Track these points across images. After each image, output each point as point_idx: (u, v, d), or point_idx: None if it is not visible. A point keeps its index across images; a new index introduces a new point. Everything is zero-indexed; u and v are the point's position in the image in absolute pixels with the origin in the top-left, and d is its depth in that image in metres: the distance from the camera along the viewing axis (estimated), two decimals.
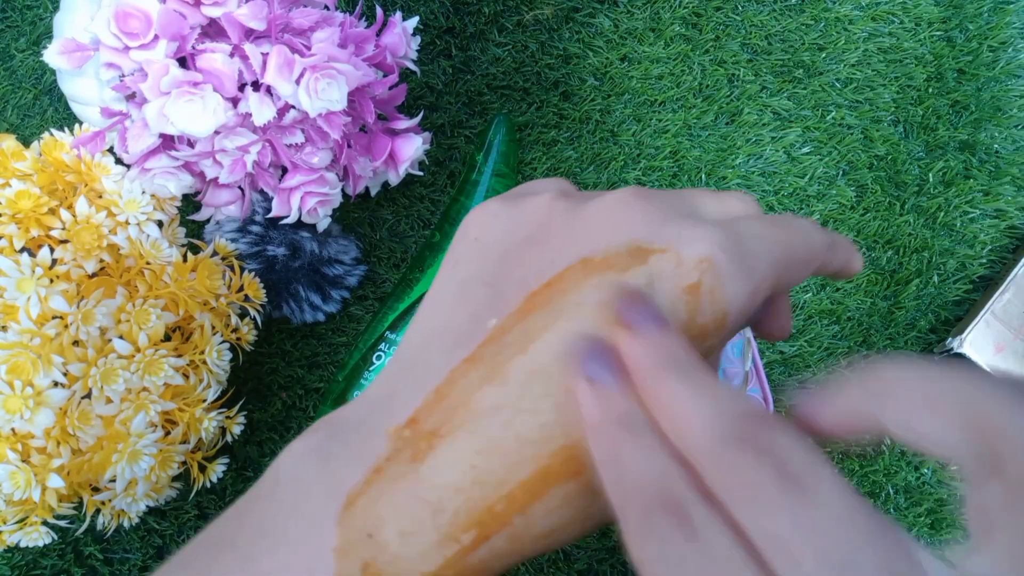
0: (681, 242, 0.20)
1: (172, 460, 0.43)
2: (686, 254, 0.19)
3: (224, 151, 0.43)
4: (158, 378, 0.42)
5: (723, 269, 0.19)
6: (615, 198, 0.21)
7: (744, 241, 0.20)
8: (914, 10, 0.58)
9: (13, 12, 0.57)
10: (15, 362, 0.38)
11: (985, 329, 0.50)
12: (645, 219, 0.20)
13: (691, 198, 0.22)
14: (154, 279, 0.44)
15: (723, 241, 0.20)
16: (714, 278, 0.19)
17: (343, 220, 0.55)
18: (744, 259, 0.20)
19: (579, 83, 0.57)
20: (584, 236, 0.20)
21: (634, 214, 0.21)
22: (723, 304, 0.20)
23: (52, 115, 0.56)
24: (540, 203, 0.22)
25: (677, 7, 0.58)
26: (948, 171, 0.56)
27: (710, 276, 0.19)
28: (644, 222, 0.20)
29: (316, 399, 0.53)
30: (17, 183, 0.42)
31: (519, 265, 0.21)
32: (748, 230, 0.21)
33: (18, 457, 0.39)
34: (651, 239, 0.20)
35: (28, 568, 0.50)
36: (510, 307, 0.20)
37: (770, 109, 0.57)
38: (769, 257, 0.20)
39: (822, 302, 0.55)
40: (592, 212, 0.21)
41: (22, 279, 0.39)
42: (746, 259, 0.20)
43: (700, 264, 0.19)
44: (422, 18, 0.57)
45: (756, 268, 0.20)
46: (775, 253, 0.21)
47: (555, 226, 0.21)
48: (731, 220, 0.21)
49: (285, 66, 0.41)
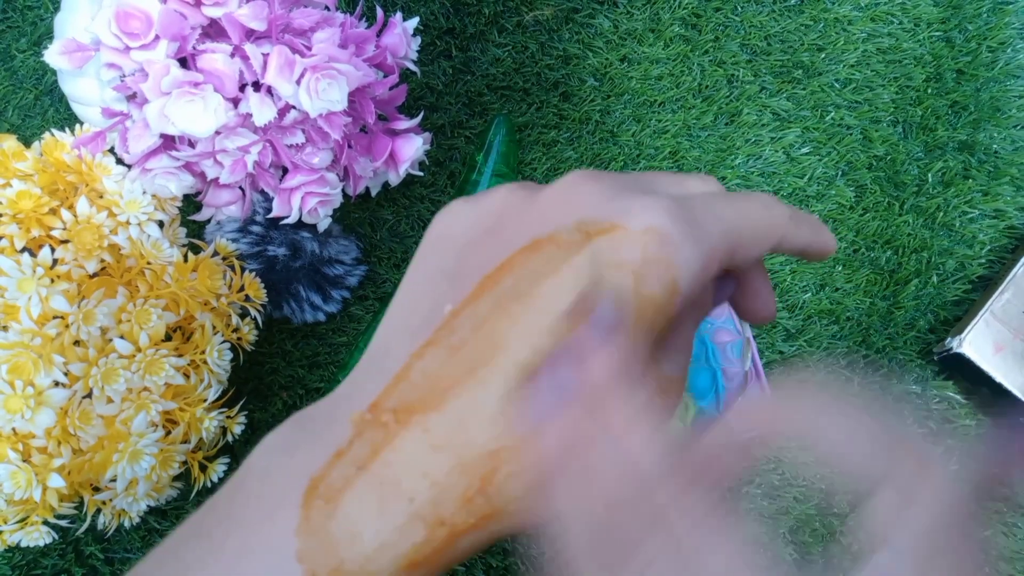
0: (627, 215, 0.20)
1: (173, 460, 0.43)
2: (632, 225, 0.19)
3: (225, 151, 0.43)
4: (159, 378, 0.42)
5: (670, 237, 0.19)
6: (565, 181, 0.21)
7: (694, 210, 0.20)
8: (913, 11, 0.58)
9: (14, 12, 0.58)
10: (16, 362, 0.38)
11: (984, 329, 0.51)
12: (594, 198, 0.21)
13: (647, 178, 0.22)
14: (155, 279, 0.44)
15: (670, 210, 0.20)
16: (660, 246, 0.19)
17: (343, 220, 0.55)
18: (692, 226, 0.20)
19: (579, 84, 0.57)
20: (536, 220, 0.21)
21: (583, 194, 0.21)
22: (672, 272, 0.19)
23: (53, 115, 0.56)
24: (498, 195, 0.22)
25: (676, 8, 0.58)
26: (947, 171, 0.56)
27: (655, 245, 0.19)
28: (593, 201, 0.20)
29: (316, 399, 0.53)
30: (18, 183, 0.42)
31: (476, 255, 0.21)
32: (700, 202, 0.21)
33: (19, 457, 0.39)
34: (597, 216, 0.20)
35: (29, 568, 0.50)
36: (462, 293, 0.20)
37: (769, 109, 0.57)
38: (721, 225, 0.20)
39: (821, 302, 0.55)
40: (544, 197, 0.21)
41: (23, 279, 0.39)
42: (695, 226, 0.20)
43: (645, 234, 0.19)
44: (422, 19, 0.57)
45: (706, 235, 0.20)
46: (728, 221, 0.21)
47: (511, 215, 0.21)
48: (685, 194, 0.21)
49: (286, 66, 0.41)
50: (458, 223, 0.22)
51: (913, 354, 0.54)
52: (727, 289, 0.24)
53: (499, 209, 0.22)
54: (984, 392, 0.51)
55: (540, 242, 0.20)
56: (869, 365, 0.54)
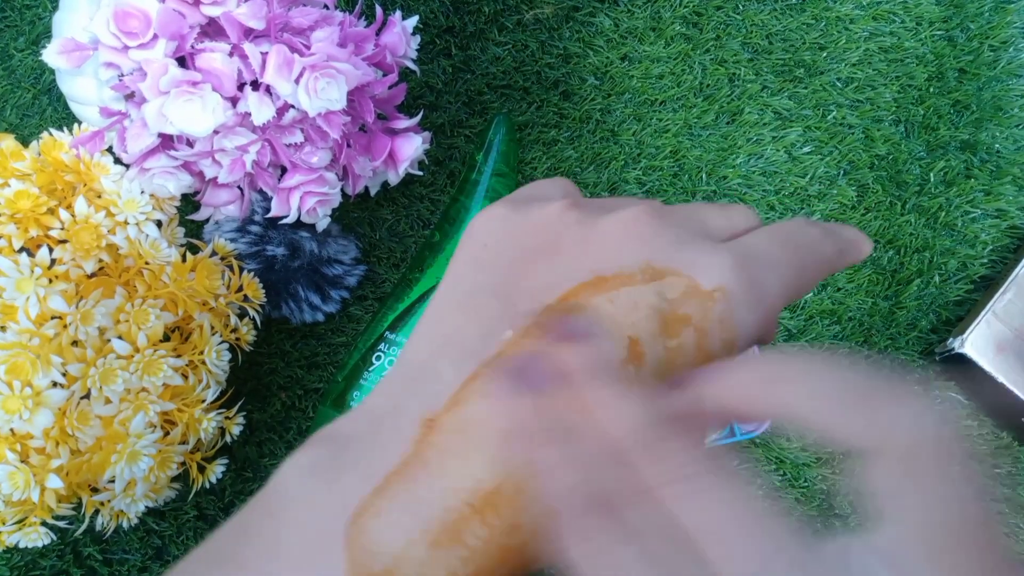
0: (696, 268, 0.20)
1: (171, 461, 0.43)
2: (702, 282, 0.20)
3: (223, 151, 0.43)
4: (157, 378, 0.42)
5: (735, 298, 0.19)
6: (630, 216, 0.21)
7: (756, 268, 0.20)
8: (915, 9, 0.58)
9: (12, 11, 0.57)
10: (14, 362, 0.38)
11: (986, 329, 0.50)
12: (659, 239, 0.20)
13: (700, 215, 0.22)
14: (153, 279, 0.43)
15: (736, 269, 0.20)
16: (726, 307, 0.19)
17: (343, 220, 0.55)
18: (755, 287, 0.20)
19: (579, 82, 0.57)
20: (597, 252, 0.20)
21: (649, 233, 0.20)
22: (733, 331, 0.20)
23: (51, 115, 0.56)
24: (550, 213, 0.21)
25: (678, 6, 0.57)
26: (949, 171, 0.56)
27: (722, 305, 0.19)
28: (658, 242, 0.20)
29: (315, 399, 0.53)
30: (16, 183, 0.42)
31: (529, 276, 0.20)
32: (760, 255, 0.20)
33: (17, 457, 0.39)
34: (666, 261, 0.20)
35: (27, 569, 0.50)
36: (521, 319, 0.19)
37: (771, 108, 0.57)
38: (780, 283, 0.21)
39: (823, 302, 0.55)
40: (605, 228, 0.21)
41: (21, 279, 0.39)
42: (757, 287, 0.20)
43: (714, 293, 0.19)
44: (422, 17, 0.57)
45: (767, 295, 0.20)
46: (786, 278, 0.21)
47: (567, 239, 0.21)
48: (742, 244, 0.21)
49: (284, 65, 0.41)
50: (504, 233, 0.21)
51: (915, 354, 0.54)
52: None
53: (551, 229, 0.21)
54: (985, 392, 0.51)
55: (606, 279, 0.20)
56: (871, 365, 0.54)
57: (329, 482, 0.19)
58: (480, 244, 0.22)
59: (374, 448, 0.19)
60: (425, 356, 0.20)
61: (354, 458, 0.19)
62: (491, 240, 0.21)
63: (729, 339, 0.20)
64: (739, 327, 0.20)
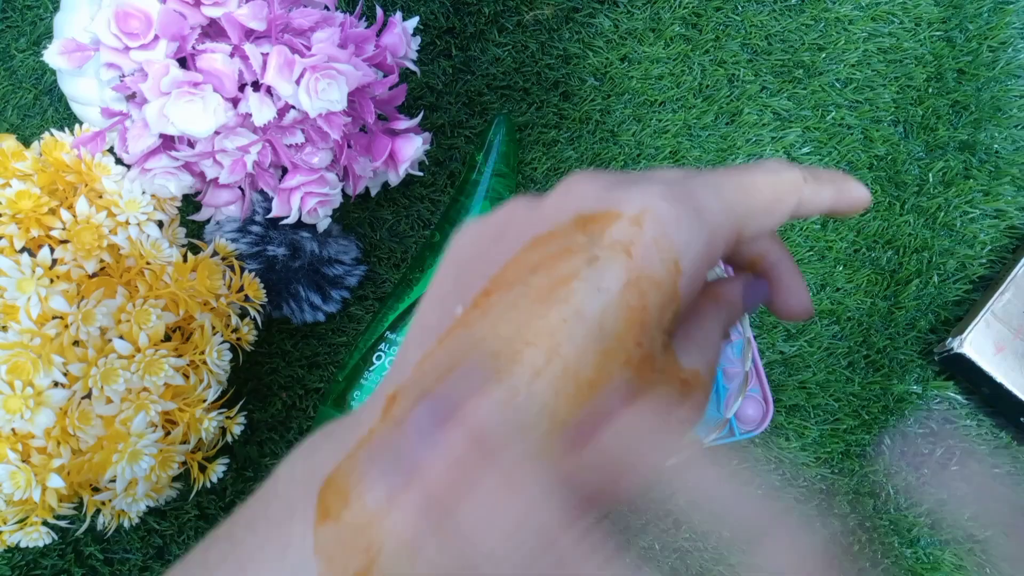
0: (622, 203, 0.20)
1: (172, 460, 0.43)
2: (626, 210, 0.19)
3: (224, 151, 0.43)
4: (158, 378, 0.42)
5: (665, 216, 0.19)
6: (564, 181, 0.21)
7: (692, 191, 0.20)
8: (914, 10, 0.58)
9: (13, 12, 0.57)
10: (15, 362, 0.38)
11: (985, 329, 0.50)
12: (591, 192, 0.21)
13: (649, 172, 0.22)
14: (154, 279, 0.44)
15: (665, 192, 0.20)
16: (656, 226, 0.19)
17: (343, 220, 0.55)
18: (691, 204, 0.20)
19: (579, 83, 0.57)
20: (538, 221, 0.21)
21: (581, 191, 0.21)
22: (672, 251, 0.19)
23: (52, 115, 0.56)
24: (504, 208, 0.22)
25: (677, 7, 0.58)
26: (948, 171, 0.56)
27: (652, 226, 0.19)
28: (590, 195, 0.20)
29: (316, 399, 0.53)
30: (17, 183, 0.42)
31: (483, 261, 0.21)
32: (700, 182, 0.20)
33: (18, 457, 0.39)
34: (595, 207, 0.20)
35: (28, 568, 0.50)
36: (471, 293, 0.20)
37: (770, 109, 0.57)
38: (723, 200, 0.20)
39: (822, 302, 0.55)
40: (546, 201, 0.21)
41: (22, 279, 0.39)
42: (693, 204, 0.20)
43: (640, 215, 0.19)
44: (422, 18, 0.57)
45: (706, 211, 0.20)
46: (730, 194, 0.20)
47: (515, 222, 0.22)
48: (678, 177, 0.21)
49: (285, 66, 0.41)
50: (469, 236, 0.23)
51: (914, 354, 0.54)
52: (760, 293, 0.24)
53: (505, 219, 0.22)
54: (984, 392, 0.51)
55: (539, 238, 0.20)
56: (870, 365, 0.54)
57: (305, 459, 0.20)
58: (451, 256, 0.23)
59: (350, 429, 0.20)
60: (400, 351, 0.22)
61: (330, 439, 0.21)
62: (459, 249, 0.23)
63: (670, 261, 0.19)
64: (678, 245, 0.19)
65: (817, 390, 0.53)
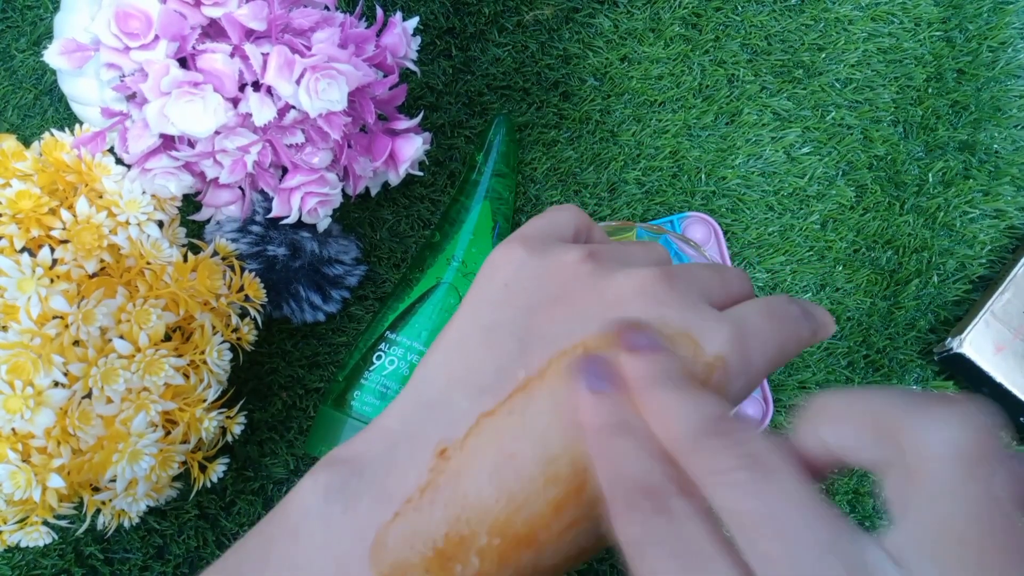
0: (701, 334, 0.22)
1: (172, 460, 0.43)
2: (707, 349, 0.22)
3: (224, 151, 0.43)
4: (158, 378, 0.42)
5: (732, 368, 0.22)
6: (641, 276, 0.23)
7: (749, 341, 0.22)
8: (914, 10, 0.58)
9: (13, 12, 0.57)
10: (15, 362, 0.38)
11: (985, 329, 0.51)
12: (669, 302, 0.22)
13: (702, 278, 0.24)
14: (154, 279, 0.44)
15: (733, 341, 0.22)
16: (724, 375, 0.22)
17: (343, 220, 0.55)
18: (748, 359, 0.22)
19: (579, 83, 0.57)
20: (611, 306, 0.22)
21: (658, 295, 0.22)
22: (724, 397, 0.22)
23: (52, 115, 0.56)
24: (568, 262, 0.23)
25: (677, 7, 0.58)
26: (948, 171, 0.56)
27: (720, 373, 0.22)
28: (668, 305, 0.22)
29: (316, 399, 0.53)
30: (18, 183, 0.42)
31: (546, 322, 0.22)
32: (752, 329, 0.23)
33: (18, 457, 0.39)
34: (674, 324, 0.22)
35: (28, 568, 0.50)
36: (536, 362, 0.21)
37: (770, 109, 0.57)
38: (767, 357, 0.23)
39: (822, 302, 0.55)
40: (619, 284, 0.23)
41: (23, 279, 0.39)
42: (749, 359, 0.22)
43: (716, 361, 0.22)
44: (422, 18, 0.57)
45: (756, 368, 0.22)
46: (772, 352, 0.23)
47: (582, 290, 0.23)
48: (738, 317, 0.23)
49: (285, 66, 0.41)
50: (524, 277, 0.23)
51: (913, 354, 0.54)
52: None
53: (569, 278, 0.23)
54: (984, 392, 0.51)
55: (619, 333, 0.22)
56: (869, 365, 0.54)
57: (346, 507, 0.20)
58: (501, 283, 0.23)
59: (389, 473, 0.20)
60: (442, 385, 0.22)
61: (369, 483, 0.20)
62: (512, 280, 0.23)
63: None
64: (729, 395, 0.22)
65: (817, 390, 0.53)
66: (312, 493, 0.20)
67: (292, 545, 0.19)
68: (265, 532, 0.20)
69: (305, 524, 0.20)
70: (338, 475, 0.20)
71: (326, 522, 0.19)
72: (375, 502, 0.19)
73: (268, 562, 0.20)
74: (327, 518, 0.19)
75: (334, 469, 0.20)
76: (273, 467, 0.52)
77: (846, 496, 0.52)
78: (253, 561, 0.20)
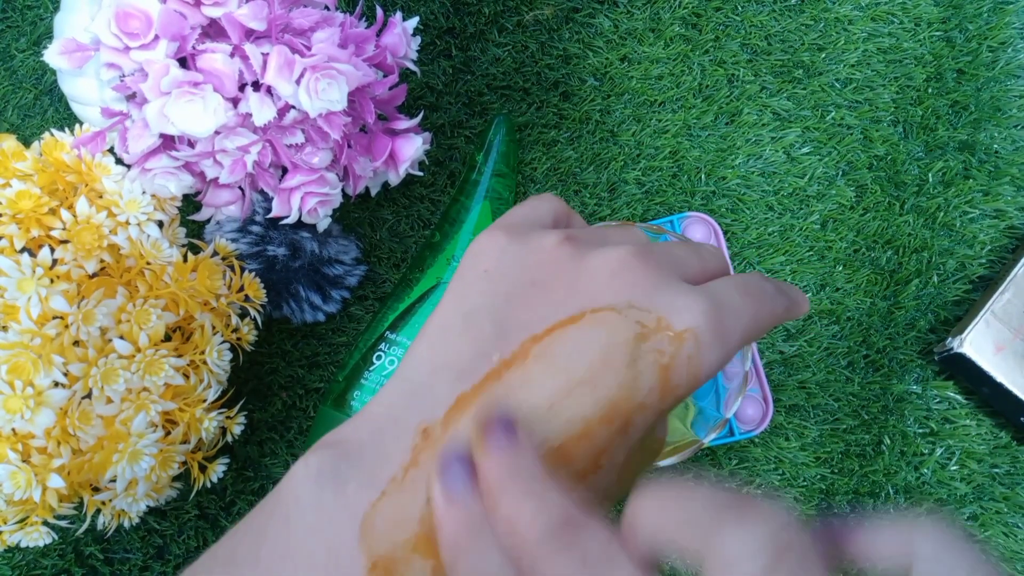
0: (672, 311, 0.22)
1: (172, 460, 0.43)
2: (676, 323, 0.22)
3: (224, 151, 0.43)
4: (158, 378, 0.42)
5: (704, 339, 0.22)
6: (616, 257, 0.23)
7: (723, 313, 0.23)
8: (914, 10, 0.58)
9: (13, 12, 0.58)
10: (16, 362, 0.38)
11: (985, 329, 0.51)
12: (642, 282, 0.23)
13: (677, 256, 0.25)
14: (154, 279, 0.44)
15: (707, 313, 0.22)
16: (695, 347, 0.22)
17: (343, 220, 0.55)
18: (722, 331, 0.23)
19: (579, 83, 0.57)
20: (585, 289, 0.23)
21: (632, 275, 0.23)
22: (698, 369, 0.22)
23: (52, 115, 0.56)
24: (546, 246, 0.24)
25: (677, 7, 0.58)
26: (948, 171, 0.56)
27: (691, 345, 0.22)
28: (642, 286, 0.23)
29: (316, 399, 0.53)
30: (18, 183, 0.42)
31: (524, 308, 0.23)
32: (727, 300, 0.23)
33: (18, 457, 0.39)
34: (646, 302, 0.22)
35: (28, 568, 0.50)
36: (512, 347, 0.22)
37: (770, 109, 0.57)
38: (742, 329, 0.23)
39: (822, 302, 0.55)
40: (594, 265, 0.23)
41: (23, 279, 0.39)
42: (723, 331, 0.23)
43: (686, 333, 0.22)
44: (422, 18, 0.57)
45: (730, 340, 0.23)
46: (747, 325, 0.23)
47: (560, 274, 0.23)
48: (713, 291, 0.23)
49: (285, 66, 0.41)
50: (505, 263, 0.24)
51: (913, 354, 0.54)
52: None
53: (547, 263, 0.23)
54: (984, 392, 0.51)
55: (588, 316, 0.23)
56: (869, 365, 0.54)
57: (337, 490, 0.20)
58: (482, 270, 0.24)
59: (376, 456, 0.21)
60: (427, 371, 0.22)
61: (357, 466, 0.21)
62: (493, 267, 0.24)
63: (695, 375, 0.22)
64: (704, 366, 0.22)
65: (817, 390, 0.53)
66: (304, 478, 0.20)
67: (284, 529, 0.20)
68: (259, 517, 0.21)
69: (297, 508, 0.20)
70: (328, 459, 0.21)
71: (317, 506, 0.20)
72: (363, 485, 0.20)
73: (261, 547, 0.20)
74: (318, 502, 0.20)
75: (324, 453, 0.21)
76: (273, 467, 0.52)
77: (846, 496, 0.52)
78: (247, 546, 0.20)
